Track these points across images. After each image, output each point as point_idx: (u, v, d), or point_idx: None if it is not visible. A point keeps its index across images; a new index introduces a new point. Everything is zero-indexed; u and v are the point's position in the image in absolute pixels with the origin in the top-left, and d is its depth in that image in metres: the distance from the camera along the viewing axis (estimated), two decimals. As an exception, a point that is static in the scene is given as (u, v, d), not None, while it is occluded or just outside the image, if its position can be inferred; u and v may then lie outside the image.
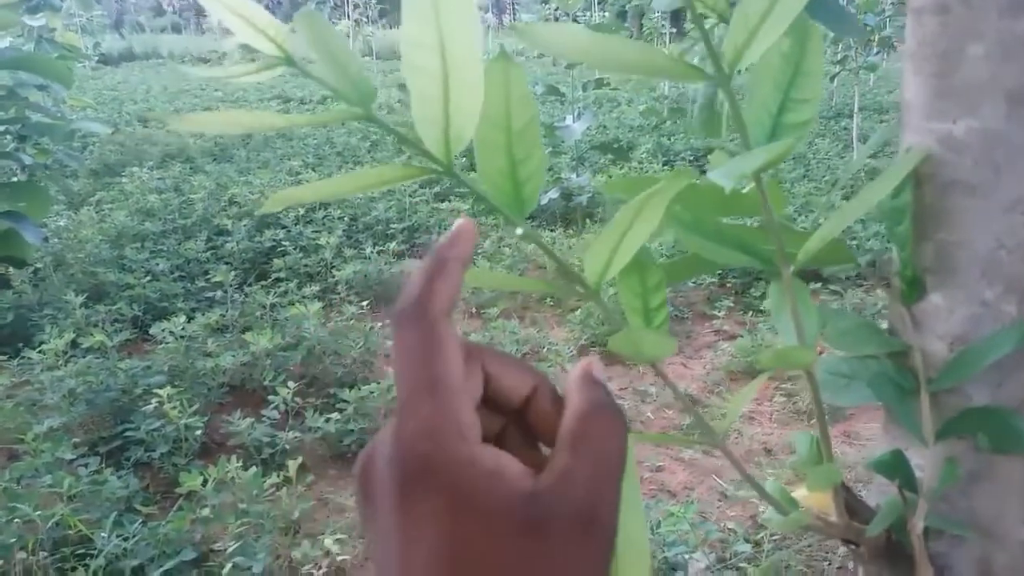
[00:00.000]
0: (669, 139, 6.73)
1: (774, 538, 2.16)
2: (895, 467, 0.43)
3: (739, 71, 0.36)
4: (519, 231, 0.36)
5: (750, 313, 3.84)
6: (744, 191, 0.44)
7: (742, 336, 3.50)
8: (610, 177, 5.38)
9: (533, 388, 0.31)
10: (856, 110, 6.09)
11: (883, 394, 0.43)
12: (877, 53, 6.26)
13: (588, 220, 4.80)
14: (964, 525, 0.44)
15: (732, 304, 3.90)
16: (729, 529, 2.23)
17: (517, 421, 0.32)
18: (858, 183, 5.21)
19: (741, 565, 2.02)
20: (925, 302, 0.44)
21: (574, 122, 4.29)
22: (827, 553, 2.19)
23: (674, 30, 9.08)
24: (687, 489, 2.54)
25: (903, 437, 0.48)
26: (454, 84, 0.31)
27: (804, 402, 3.02)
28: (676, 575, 1.99)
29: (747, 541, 2.15)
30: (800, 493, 0.47)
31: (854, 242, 4.28)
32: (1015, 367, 0.41)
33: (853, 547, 0.48)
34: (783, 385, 3.12)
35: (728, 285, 4.16)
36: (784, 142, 0.30)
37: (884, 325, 0.48)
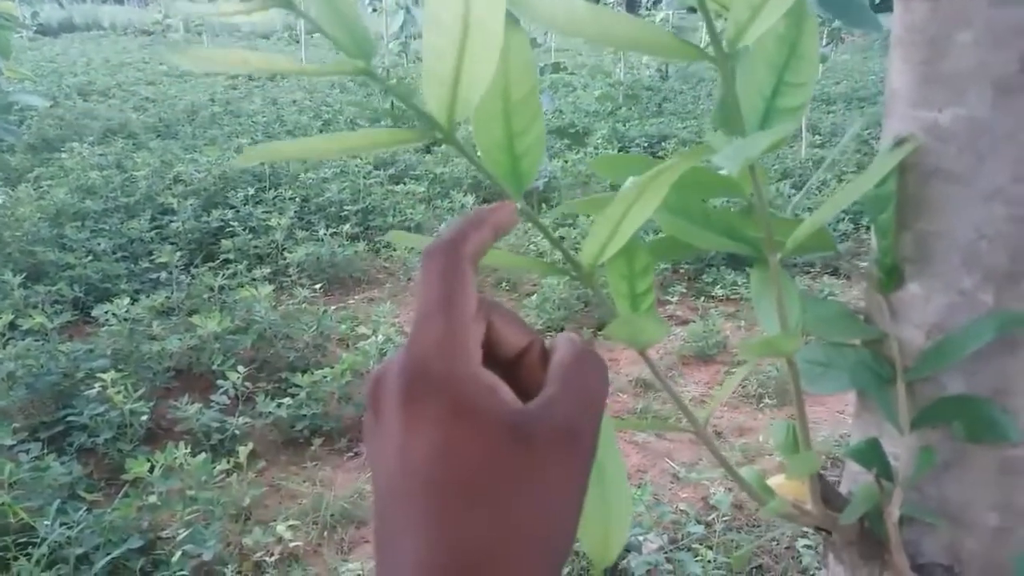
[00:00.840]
0: (624, 125, 6.77)
1: (725, 519, 2.20)
2: (871, 455, 0.44)
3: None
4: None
5: (702, 299, 3.89)
6: (724, 173, 0.44)
7: (694, 322, 3.55)
8: (566, 162, 5.38)
9: (528, 343, 0.34)
10: (806, 100, 6.19)
11: (861, 382, 0.43)
12: (826, 45, 6.37)
13: (544, 204, 4.80)
14: (936, 513, 0.44)
15: (685, 290, 3.95)
16: (681, 510, 2.26)
17: (508, 375, 0.34)
18: (806, 173, 5.31)
19: (694, 546, 2.05)
20: (903, 291, 0.44)
21: (530, 106, 4.27)
22: (775, 534, 2.24)
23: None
24: (640, 472, 2.57)
25: (875, 425, 0.48)
26: (472, 40, 0.29)
27: (753, 386, 3.08)
28: (630, 555, 2.02)
29: (699, 522, 2.19)
30: (776, 481, 0.47)
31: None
32: (990, 356, 0.41)
33: (826, 534, 0.49)
34: (733, 370, 3.17)
35: (681, 271, 4.21)
36: (784, 126, 0.29)
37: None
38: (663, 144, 6.09)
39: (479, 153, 0.35)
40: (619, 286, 0.40)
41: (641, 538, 2.08)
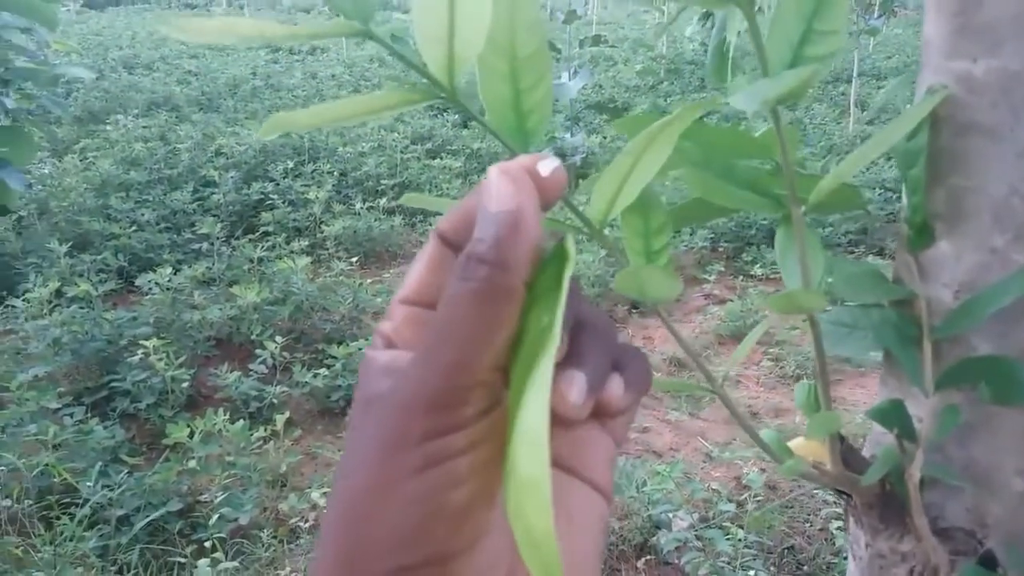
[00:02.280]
0: (665, 100, 6.67)
1: (757, 499, 2.19)
2: (893, 416, 0.43)
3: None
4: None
5: (740, 278, 3.85)
6: (757, 134, 0.43)
7: (732, 301, 3.51)
8: (604, 138, 5.34)
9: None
10: (855, 75, 6.04)
11: (885, 341, 0.42)
12: (878, 17, 6.18)
13: (581, 180, 4.77)
14: (960, 476, 0.43)
15: (723, 269, 3.91)
16: (713, 489, 2.25)
17: None
18: (854, 149, 5.19)
19: (725, 524, 2.04)
20: (933, 249, 0.43)
21: (569, 80, 4.23)
22: (808, 515, 2.22)
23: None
24: (672, 450, 2.57)
25: (900, 389, 0.47)
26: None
27: (791, 367, 3.04)
28: (660, 532, 2.02)
29: (730, 501, 2.18)
30: (796, 442, 0.47)
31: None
32: (1020, 316, 0.40)
33: (846, 498, 0.48)
34: (771, 350, 3.14)
35: (720, 250, 4.16)
36: (808, 68, 0.28)
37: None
38: (706, 120, 5.99)
39: (485, 111, 0.35)
40: (634, 243, 0.39)
41: (671, 515, 2.08)
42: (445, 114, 6.10)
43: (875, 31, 6.19)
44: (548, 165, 0.27)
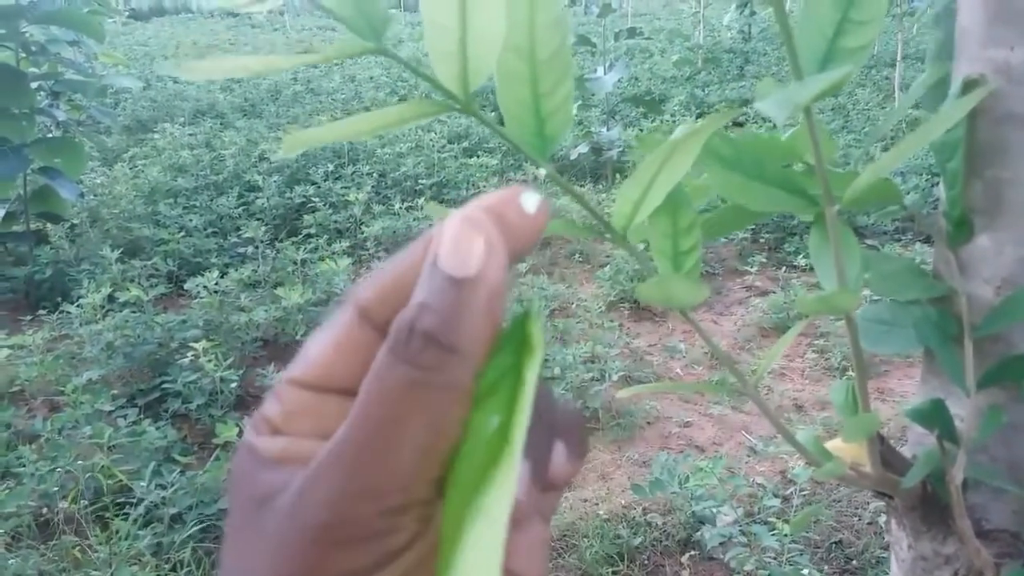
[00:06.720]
0: (703, 90, 6.59)
1: (803, 493, 2.16)
2: (934, 416, 0.42)
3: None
4: (542, 171, 0.35)
5: (783, 269, 3.78)
6: (784, 137, 0.42)
7: (775, 292, 3.46)
8: (641, 131, 5.29)
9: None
10: (899, 58, 5.89)
11: (926, 339, 0.41)
12: (921, -1, 6.02)
13: (619, 175, 4.74)
14: (1004, 477, 0.42)
15: (765, 260, 3.85)
16: (758, 484, 2.23)
17: None
18: (899, 135, 5.06)
19: (770, 520, 2.01)
20: (972, 244, 0.42)
21: (605, 74, 4.20)
22: (857, 509, 2.18)
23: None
24: (716, 444, 2.54)
25: (942, 388, 0.46)
26: (472, 9, 0.28)
27: (836, 359, 2.98)
28: (704, 528, 2.00)
29: (776, 496, 2.15)
30: (834, 443, 0.46)
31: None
32: (1067, 313, 0.39)
33: (887, 499, 0.47)
34: (815, 341, 3.08)
35: (761, 240, 4.10)
36: (841, 70, 0.27)
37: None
38: (744, 109, 5.90)
39: (503, 116, 0.35)
40: (662, 244, 0.39)
41: (715, 510, 2.06)
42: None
43: (916, 12, 6.04)
44: (532, 200, 0.22)
